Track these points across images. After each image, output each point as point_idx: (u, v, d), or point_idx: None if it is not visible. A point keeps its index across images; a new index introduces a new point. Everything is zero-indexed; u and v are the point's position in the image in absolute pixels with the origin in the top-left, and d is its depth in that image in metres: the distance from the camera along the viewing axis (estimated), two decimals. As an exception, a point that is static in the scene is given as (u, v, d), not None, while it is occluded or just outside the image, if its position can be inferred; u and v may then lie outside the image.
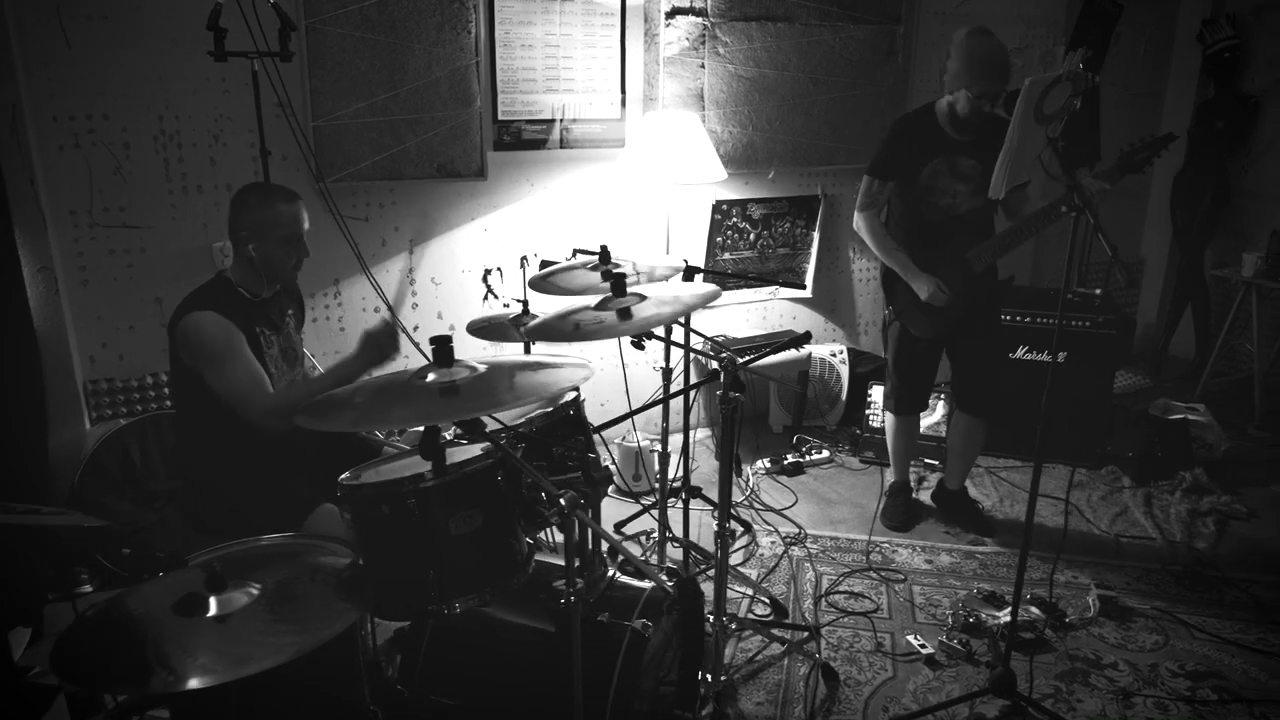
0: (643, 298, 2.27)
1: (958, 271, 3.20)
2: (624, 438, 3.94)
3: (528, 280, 2.78)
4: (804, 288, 3.32)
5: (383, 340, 2.46)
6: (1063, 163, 2.44)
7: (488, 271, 3.55)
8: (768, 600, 3.12)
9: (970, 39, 3.07)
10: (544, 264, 3.12)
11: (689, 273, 3.20)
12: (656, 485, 3.71)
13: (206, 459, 2.61)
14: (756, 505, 3.87)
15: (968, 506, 3.73)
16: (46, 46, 3.13)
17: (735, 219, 4.40)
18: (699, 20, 3.96)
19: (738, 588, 3.21)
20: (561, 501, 1.60)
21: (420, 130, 3.57)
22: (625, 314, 2.23)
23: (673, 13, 3.91)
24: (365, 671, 2.11)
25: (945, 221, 3.25)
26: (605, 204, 4.15)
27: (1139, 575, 3.35)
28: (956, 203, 3.22)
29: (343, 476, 2.04)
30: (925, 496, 3.97)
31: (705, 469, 4.24)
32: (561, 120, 3.92)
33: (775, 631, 2.93)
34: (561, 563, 2.28)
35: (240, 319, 2.49)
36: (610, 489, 3.89)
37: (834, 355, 4.60)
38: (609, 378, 4.18)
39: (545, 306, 2.66)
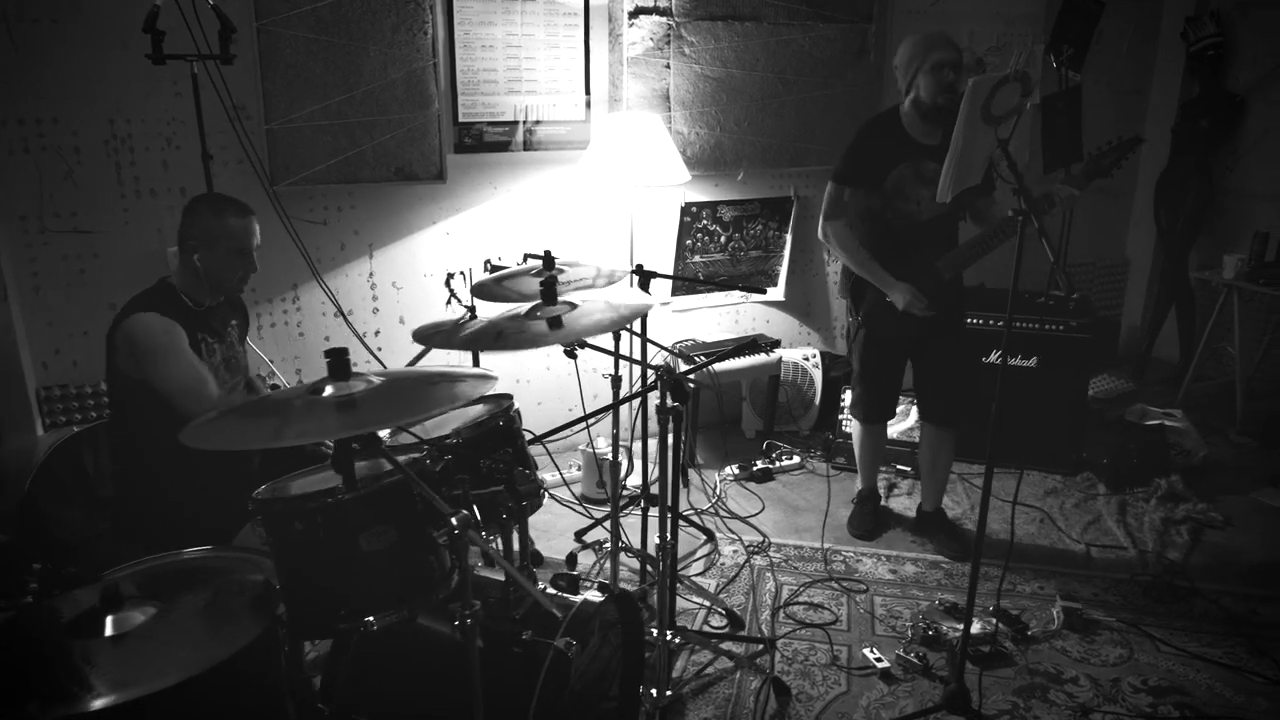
0: (574, 305, 2.22)
1: (928, 280, 3.12)
2: (587, 445, 3.88)
3: (469, 286, 2.73)
4: (764, 291, 3.26)
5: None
6: (1012, 165, 2.37)
7: (450, 276, 3.49)
8: (724, 612, 3.06)
9: (916, 34, 3.11)
10: (494, 268, 3.06)
11: (643, 277, 3.15)
12: (609, 495, 3.65)
13: (142, 470, 2.57)
14: (722, 512, 3.81)
15: (945, 525, 3.64)
16: (-9, 48, 3.09)
17: (705, 221, 4.34)
18: (663, 20, 3.90)
19: (694, 599, 3.15)
20: (453, 521, 1.53)
21: (377, 133, 3.52)
22: (556, 323, 2.17)
23: (636, 12, 3.84)
24: (291, 690, 2.06)
25: (910, 229, 3.17)
26: (570, 207, 4.10)
27: (1107, 586, 3.27)
28: (921, 209, 3.14)
29: (258, 490, 1.99)
30: (899, 504, 3.90)
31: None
32: (524, 122, 3.86)
33: (728, 645, 2.87)
34: (499, 577, 2.24)
35: (182, 323, 2.45)
36: (581, 497, 3.85)
37: (807, 359, 4.53)
38: (565, 385, 4.13)
39: (493, 313, 2.61)
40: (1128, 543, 3.57)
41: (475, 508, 2.01)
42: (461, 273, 3.51)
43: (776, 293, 4.64)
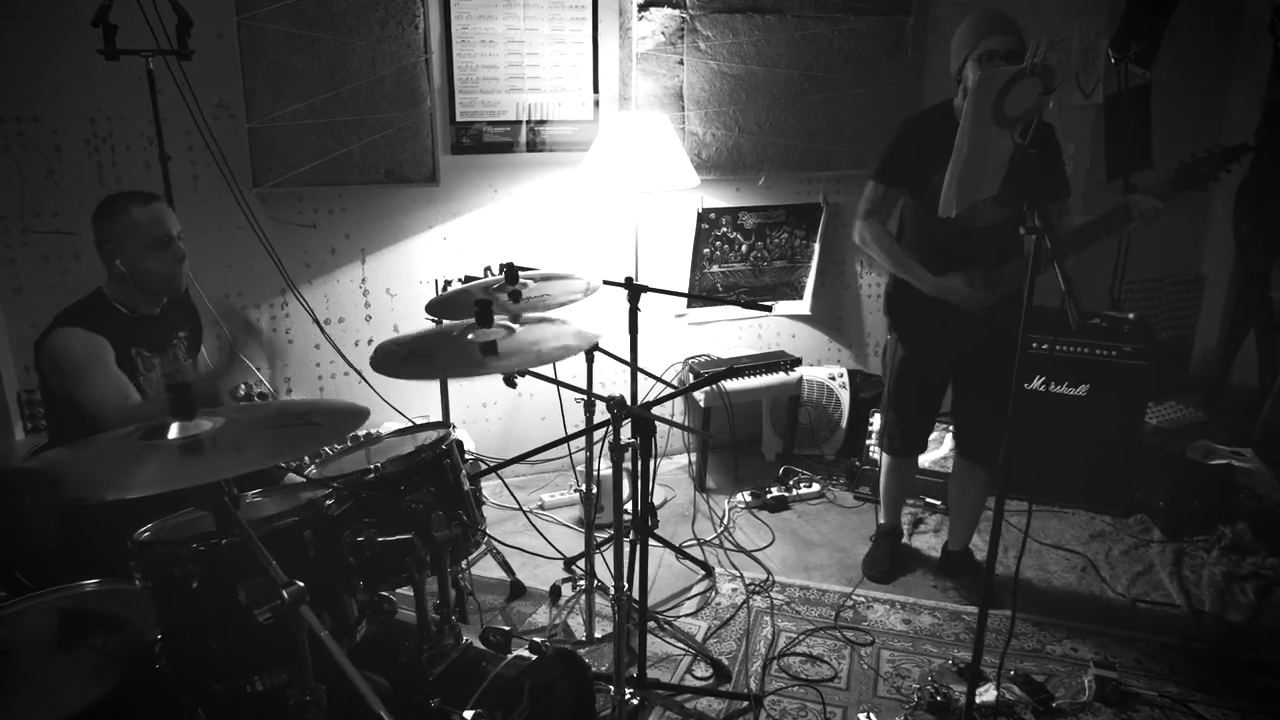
0: (511, 330, 1.97)
1: (991, 286, 2.76)
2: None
3: (425, 304, 2.51)
4: (769, 309, 2.95)
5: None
6: (1031, 177, 2.03)
7: (447, 283, 3.30)
8: (709, 661, 2.78)
9: (969, 15, 2.69)
10: (467, 279, 2.85)
11: (633, 291, 2.89)
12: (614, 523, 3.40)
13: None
14: (727, 544, 3.52)
15: (971, 569, 3.29)
16: (-34, 44, 3.00)
17: (725, 229, 4.06)
18: (676, 13, 3.62)
19: (678, 644, 2.88)
20: (284, 594, 1.30)
21: (365, 133, 3.33)
22: (490, 349, 1.93)
23: (646, 4, 3.58)
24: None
25: (960, 236, 2.76)
26: (576, 212, 3.86)
27: (1153, 651, 2.88)
28: (975, 215, 2.74)
29: (142, 530, 1.80)
30: (924, 542, 3.55)
31: (680, 500, 3.90)
32: (528, 121, 3.63)
33: (706, 701, 2.59)
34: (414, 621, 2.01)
35: (111, 336, 2.29)
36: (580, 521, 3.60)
37: (833, 378, 4.21)
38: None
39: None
40: (1181, 600, 3.16)
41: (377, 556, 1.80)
42: (460, 279, 3.33)
43: (802, 306, 4.32)
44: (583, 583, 2.97)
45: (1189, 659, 2.84)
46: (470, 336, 1.92)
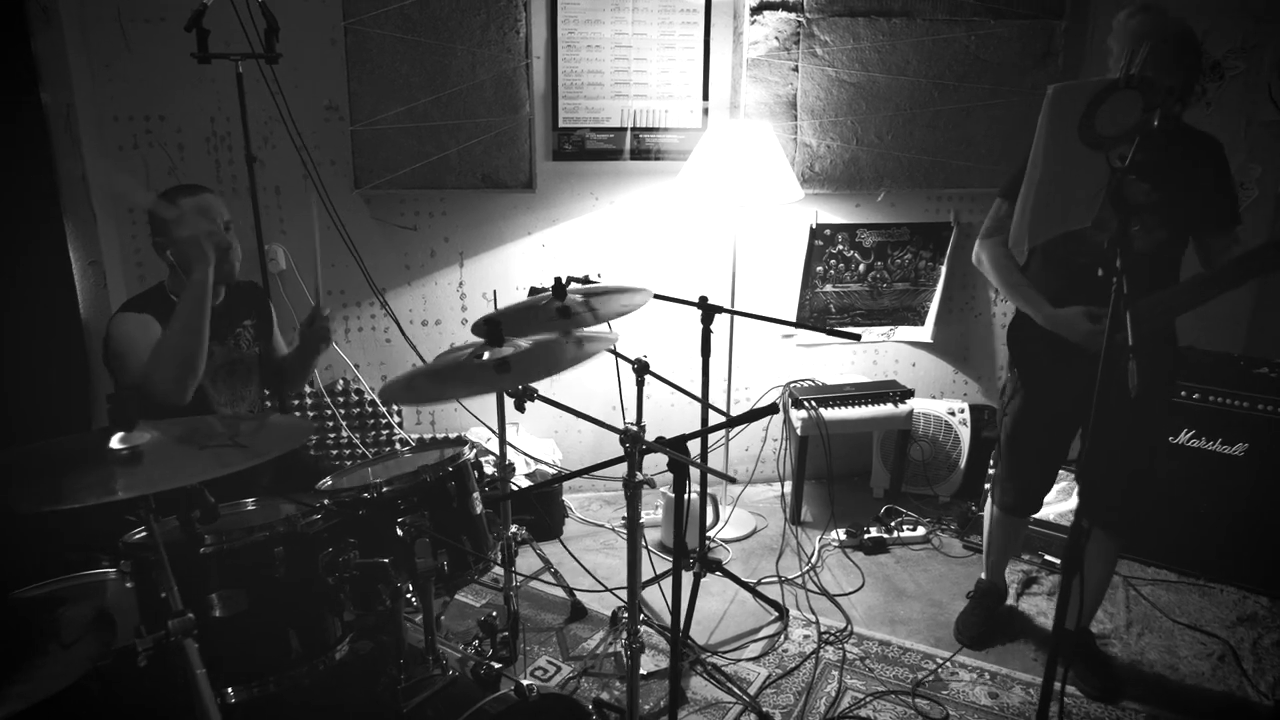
0: (519, 345, 1.87)
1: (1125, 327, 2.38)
2: (669, 489, 3.49)
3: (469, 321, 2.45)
4: (859, 338, 2.71)
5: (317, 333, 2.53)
6: (1128, 204, 1.73)
7: (534, 290, 3.26)
8: (759, 715, 2.57)
9: (1130, 18, 2.27)
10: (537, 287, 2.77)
11: (706, 311, 2.73)
12: (696, 545, 3.24)
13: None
14: (810, 586, 3.28)
15: (1086, 648, 2.86)
16: (109, 48, 3.21)
17: (841, 246, 3.80)
18: (792, 16, 3.41)
19: (729, 692, 2.69)
20: (170, 624, 1.25)
21: (463, 137, 3.33)
22: (503, 365, 1.83)
23: (760, 8, 3.38)
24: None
25: (1097, 267, 2.39)
26: (679, 223, 3.72)
27: (1291, 768, 2.44)
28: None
29: (137, 530, 1.82)
30: (1034, 605, 3.17)
31: (770, 532, 3.68)
32: (633, 129, 3.53)
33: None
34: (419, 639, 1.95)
35: (166, 323, 2.37)
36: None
37: (953, 413, 3.85)
38: (657, 409, 3.75)
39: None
40: (1341, 710, 2.66)
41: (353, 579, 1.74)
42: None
43: (923, 333, 3.99)
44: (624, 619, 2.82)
45: (1339, 786, 2.38)
46: (481, 358, 1.82)
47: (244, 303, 2.62)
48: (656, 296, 2.54)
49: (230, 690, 1.65)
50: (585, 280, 2.72)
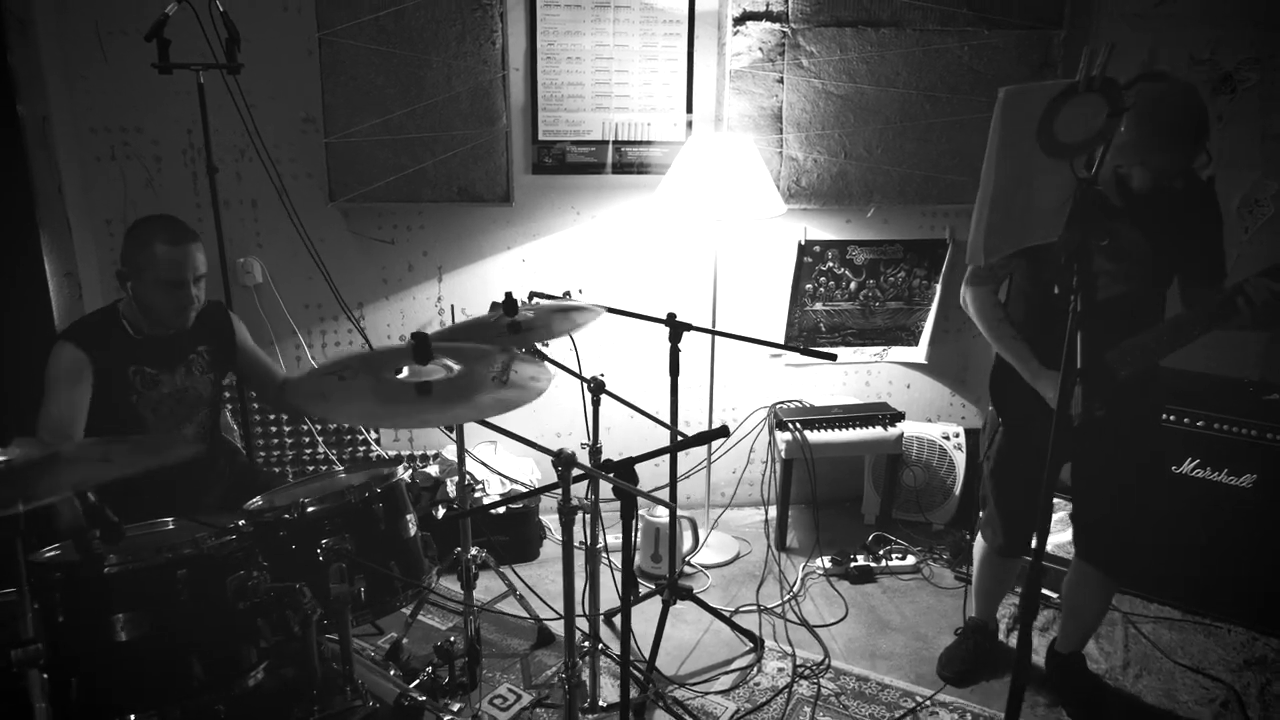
0: (450, 369, 1.77)
1: (1095, 377, 2.24)
2: (648, 511, 3.39)
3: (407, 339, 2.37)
4: (834, 358, 2.59)
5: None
6: (1096, 224, 1.61)
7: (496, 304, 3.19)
8: (720, 753, 2.45)
9: (1143, 94, 2.01)
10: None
11: (675, 329, 2.64)
12: (677, 568, 3.12)
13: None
14: (790, 616, 3.15)
15: (1081, 681, 2.73)
16: (85, 59, 3.20)
17: (831, 263, 3.68)
18: (776, 27, 3.31)
19: (691, 727, 2.57)
20: (12, 653, 1.17)
21: (439, 150, 3.27)
22: (425, 389, 1.74)
23: (743, 18, 3.29)
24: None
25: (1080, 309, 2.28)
26: (662, 238, 3.63)
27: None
28: (1097, 284, 2.25)
29: (50, 548, 1.75)
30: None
31: (753, 558, 3.56)
32: (614, 141, 3.45)
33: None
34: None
35: (109, 356, 2.30)
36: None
37: (948, 438, 3.71)
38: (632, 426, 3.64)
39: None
40: (1348, 762, 2.48)
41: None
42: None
43: (917, 353, 3.85)
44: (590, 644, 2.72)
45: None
46: (400, 374, 1.74)
47: (201, 329, 2.50)
48: (618, 312, 2.45)
49: (133, 717, 1.58)
50: (547, 296, 2.64)
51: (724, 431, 1.95)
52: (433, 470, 3.54)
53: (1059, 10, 3.39)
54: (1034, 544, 1.95)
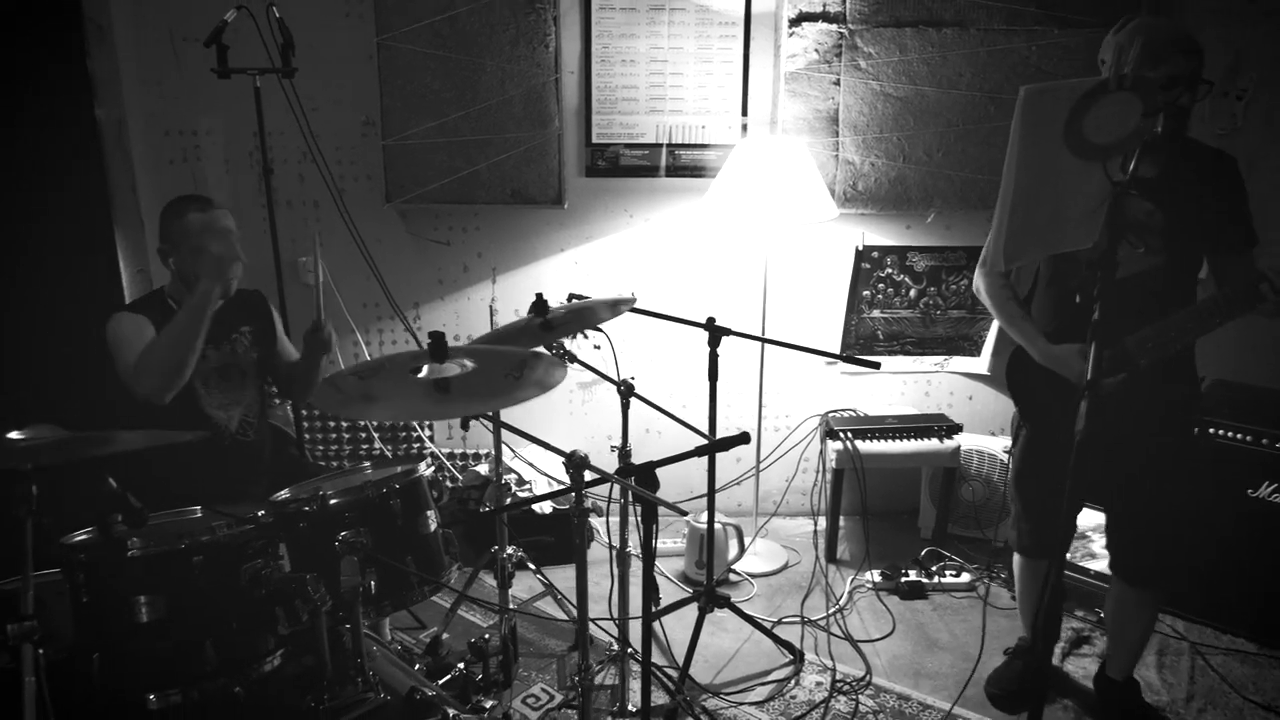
0: (465, 367, 1.78)
1: (1114, 364, 2.14)
2: (695, 517, 3.35)
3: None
4: (878, 366, 2.52)
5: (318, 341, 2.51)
6: (1121, 220, 1.53)
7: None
8: (748, 766, 2.41)
9: (1117, 32, 2.11)
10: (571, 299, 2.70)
11: (714, 333, 2.61)
12: (717, 576, 3.09)
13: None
14: (834, 630, 3.08)
15: (1134, 709, 2.60)
16: (160, 64, 3.35)
17: (890, 270, 3.59)
18: (833, 28, 3.25)
19: (721, 738, 2.53)
20: (9, 628, 1.22)
21: (492, 152, 3.31)
22: (443, 387, 1.76)
23: (799, 19, 3.24)
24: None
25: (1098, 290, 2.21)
26: (715, 241, 3.59)
27: None
28: (1117, 261, 2.16)
29: (81, 531, 1.83)
30: (1082, 666, 2.88)
31: (802, 569, 3.49)
32: (668, 145, 3.44)
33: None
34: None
35: (159, 328, 2.41)
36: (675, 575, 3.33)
37: (1009, 452, 3.56)
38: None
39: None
40: None
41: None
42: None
43: (979, 364, 3.73)
44: (611, 653, 2.70)
45: None
46: (418, 371, 1.76)
47: (243, 309, 2.62)
48: (649, 314, 2.44)
49: (151, 697, 1.63)
50: (580, 297, 2.65)
51: (744, 438, 1.91)
52: (482, 469, 3.59)
53: (1135, 7, 3.24)
54: (1015, 559, 1.87)
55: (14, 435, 1.38)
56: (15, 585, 1.90)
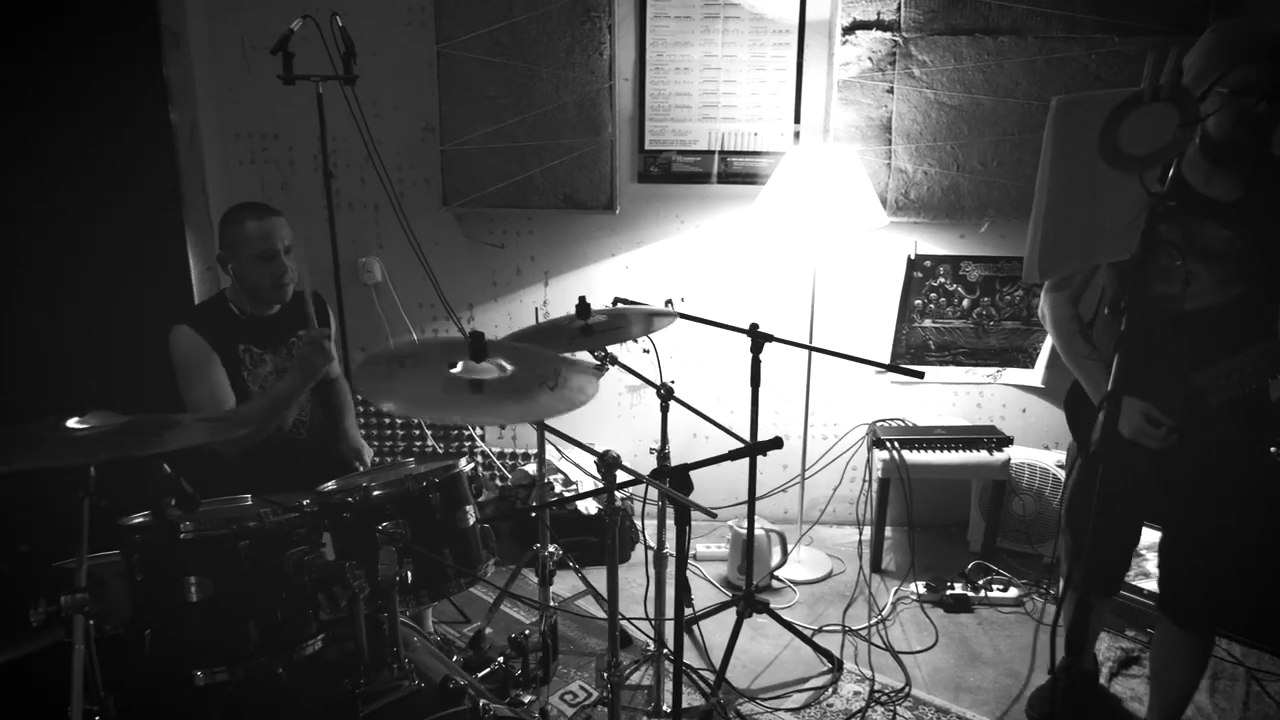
0: (503, 369, 1.83)
1: (1176, 398, 2.03)
2: (737, 522, 3.37)
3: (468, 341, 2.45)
4: (922, 375, 2.51)
5: (310, 355, 2.42)
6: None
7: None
8: (780, 770, 2.42)
9: (1221, 26, 1.96)
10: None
11: (756, 339, 2.63)
12: (760, 582, 3.11)
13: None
14: (875, 640, 3.06)
15: None
16: (231, 70, 3.49)
17: (943, 279, 3.55)
18: (887, 36, 3.24)
19: (754, 742, 2.54)
20: (62, 599, 1.30)
21: (546, 158, 3.38)
22: (477, 387, 1.81)
23: (852, 27, 3.24)
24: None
25: (1162, 324, 2.05)
26: (766, 248, 3.60)
27: None
28: (1188, 292, 2.02)
29: (139, 514, 1.93)
30: (1131, 688, 2.81)
31: (846, 578, 3.47)
32: (720, 151, 3.46)
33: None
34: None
35: (219, 335, 2.50)
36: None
37: (1063, 467, 3.50)
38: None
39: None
40: None
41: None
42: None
43: (1033, 376, 3.66)
44: (648, 653, 2.73)
45: None
46: (454, 370, 1.81)
47: (298, 316, 2.69)
48: (692, 319, 2.47)
49: (199, 673, 1.72)
50: (629, 302, 2.69)
51: (776, 443, 1.93)
52: (530, 469, 3.65)
53: (1202, 14, 3.16)
54: (1061, 585, 1.83)
55: (72, 423, 1.47)
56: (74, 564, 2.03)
